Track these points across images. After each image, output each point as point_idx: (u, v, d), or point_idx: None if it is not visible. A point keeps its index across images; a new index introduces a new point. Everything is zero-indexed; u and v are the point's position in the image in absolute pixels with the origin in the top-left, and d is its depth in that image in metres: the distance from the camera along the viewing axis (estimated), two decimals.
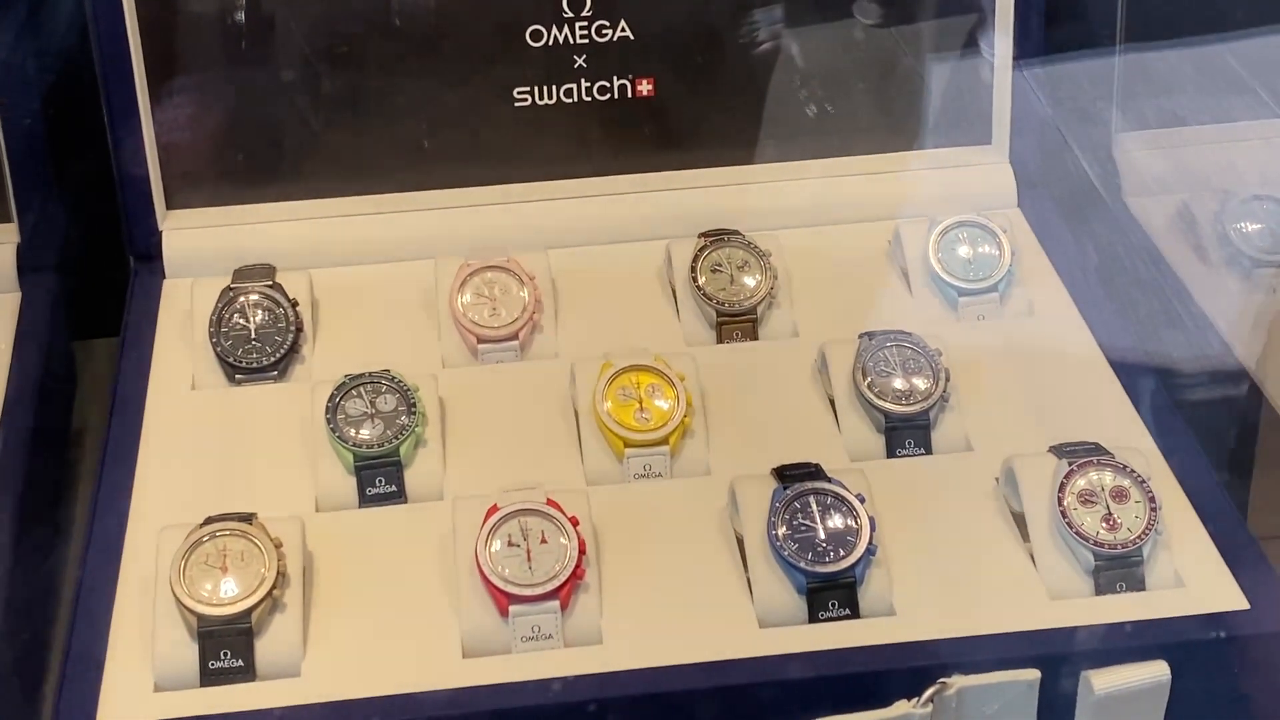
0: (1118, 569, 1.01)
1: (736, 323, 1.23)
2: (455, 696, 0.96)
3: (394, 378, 1.12)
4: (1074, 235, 1.31)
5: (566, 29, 1.29)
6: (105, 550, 1.05)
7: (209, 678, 0.96)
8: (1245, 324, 1.22)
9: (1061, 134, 1.37)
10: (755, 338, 1.23)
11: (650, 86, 1.32)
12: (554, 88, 1.31)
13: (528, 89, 1.31)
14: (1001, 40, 1.33)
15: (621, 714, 0.96)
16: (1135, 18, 1.35)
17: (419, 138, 1.31)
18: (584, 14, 1.29)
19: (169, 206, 1.30)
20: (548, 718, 0.96)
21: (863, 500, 1.02)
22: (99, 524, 1.07)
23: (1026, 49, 1.33)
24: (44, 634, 1.11)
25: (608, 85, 1.31)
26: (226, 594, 0.97)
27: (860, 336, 1.16)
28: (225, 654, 0.96)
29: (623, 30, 1.30)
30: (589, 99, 1.31)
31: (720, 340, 1.23)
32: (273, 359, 1.19)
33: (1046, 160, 1.36)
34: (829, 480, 1.03)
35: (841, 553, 1.00)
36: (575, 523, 1.00)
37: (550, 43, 1.30)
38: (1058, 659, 0.97)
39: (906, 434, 1.12)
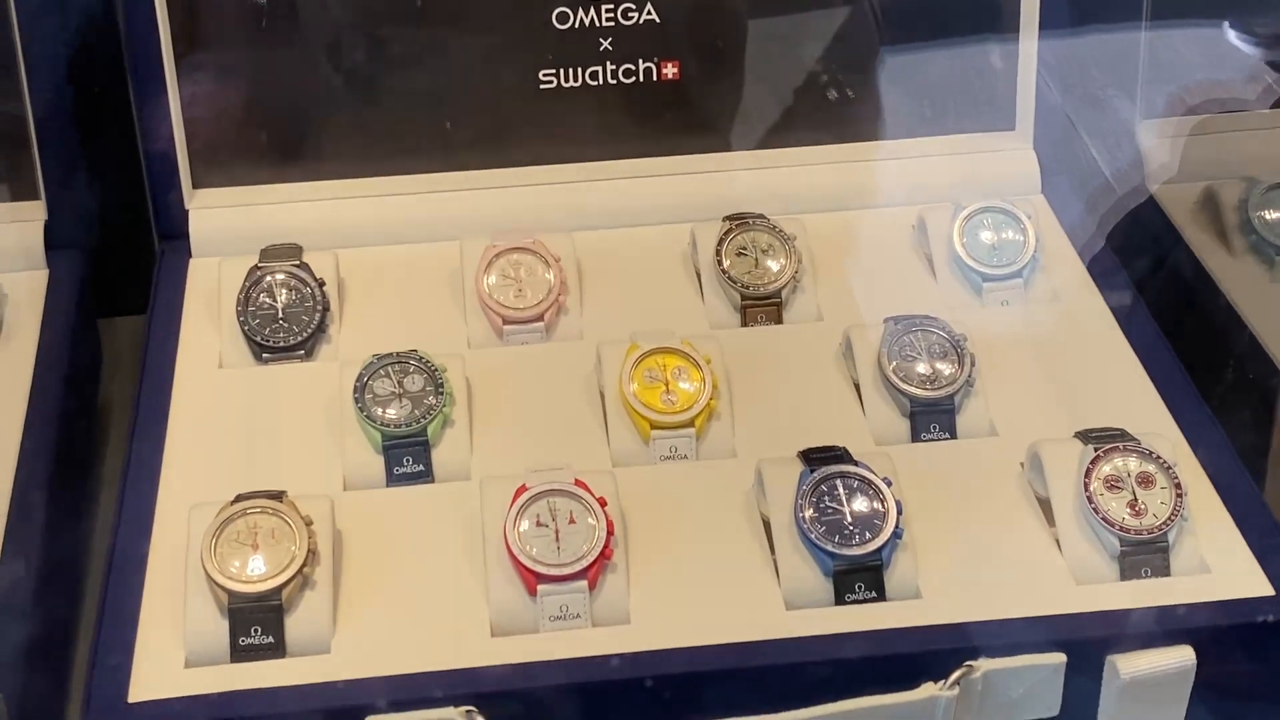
0: (1143, 554, 1.02)
1: (761, 306, 1.23)
2: (484, 674, 0.96)
3: (422, 358, 1.12)
4: (1097, 221, 1.31)
5: (592, 11, 1.30)
6: (135, 528, 1.05)
7: (239, 654, 0.97)
8: (1269, 311, 1.22)
9: (1085, 120, 1.37)
10: (780, 321, 1.23)
11: (675, 70, 1.32)
12: (579, 70, 1.31)
13: (553, 71, 1.31)
14: (1026, 26, 1.33)
15: (649, 694, 0.96)
16: (1161, 2, 1.35)
17: (445, 119, 1.31)
18: None
19: (195, 185, 1.30)
20: (576, 697, 0.96)
21: (889, 484, 1.02)
22: (129, 502, 1.07)
23: (1051, 34, 1.33)
24: (73, 611, 1.12)
25: (633, 68, 1.31)
26: (257, 571, 0.98)
27: (885, 321, 1.16)
28: (256, 630, 0.97)
29: (648, 13, 1.30)
30: (614, 81, 1.32)
31: (745, 323, 1.23)
32: (300, 338, 1.19)
33: (1070, 146, 1.36)
34: (856, 464, 1.03)
35: (868, 535, 1.01)
36: (603, 504, 1.01)
37: (576, 25, 1.30)
38: (1083, 643, 0.98)
39: (931, 418, 1.13)
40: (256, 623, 0.97)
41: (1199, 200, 1.32)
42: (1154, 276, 1.28)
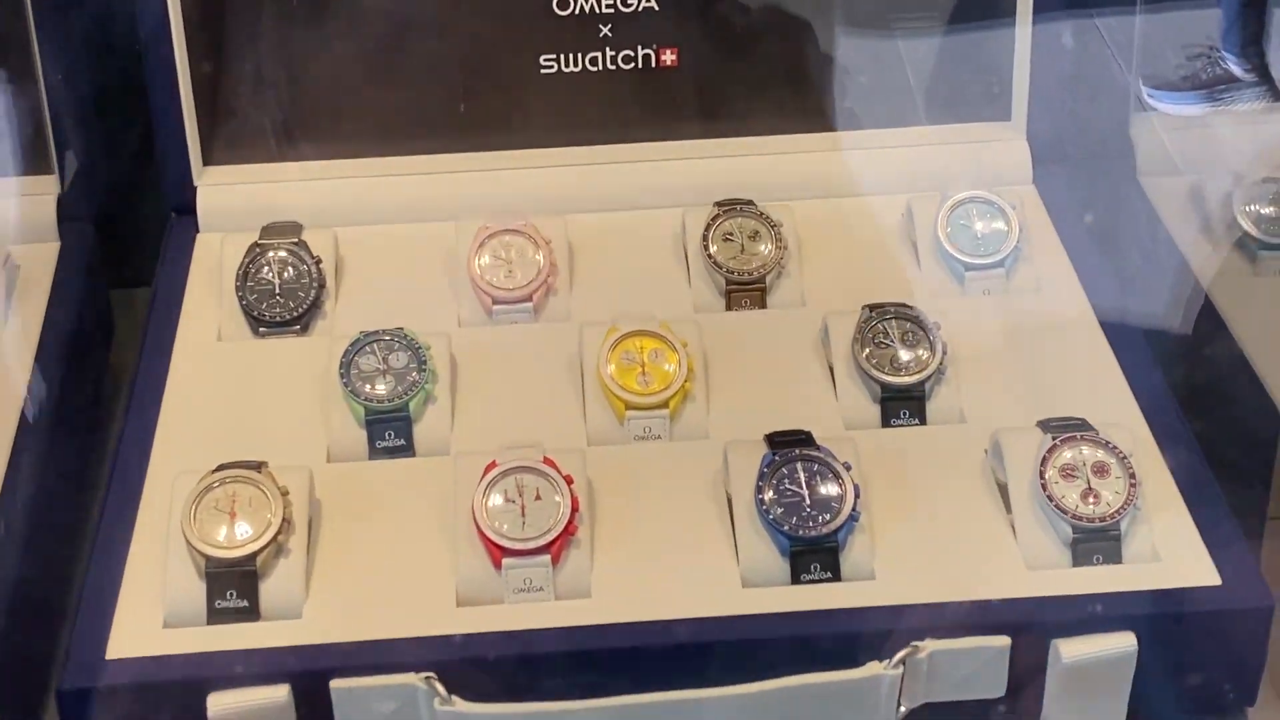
0: (1095, 542, 1.04)
1: (745, 291, 1.26)
2: (447, 642, 1.00)
3: (406, 336, 1.16)
4: (1086, 213, 1.33)
5: None
6: (125, 493, 1.10)
7: (215, 616, 1.01)
8: (1247, 306, 1.24)
9: (1079, 112, 1.38)
10: (764, 306, 1.26)
11: (674, 56, 1.35)
12: (580, 56, 1.34)
13: (554, 56, 1.34)
14: (1021, 16, 1.34)
15: (607, 665, 1.00)
16: None
17: (448, 102, 1.35)
18: None
19: (205, 163, 1.34)
20: (536, 666, 1.00)
21: (849, 468, 1.05)
22: (120, 467, 1.12)
23: (1045, 25, 1.35)
24: (70, 572, 1.16)
25: (632, 54, 1.34)
26: (234, 537, 1.02)
27: (863, 308, 1.19)
28: (231, 594, 1.01)
29: (647, 0, 1.33)
30: (613, 67, 1.34)
31: (729, 308, 1.26)
32: (295, 313, 1.23)
33: (1063, 138, 1.38)
34: (817, 448, 1.06)
35: (825, 518, 1.04)
36: (570, 481, 1.04)
37: (576, 11, 1.33)
38: (1030, 627, 1.00)
39: (901, 404, 1.15)
40: (232, 586, 1.01)
41: (1187, 194, 1.33)
42: (1137, 269, 1.29)
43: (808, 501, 1.04)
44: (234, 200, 1.33)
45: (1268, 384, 1.15)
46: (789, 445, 1.06)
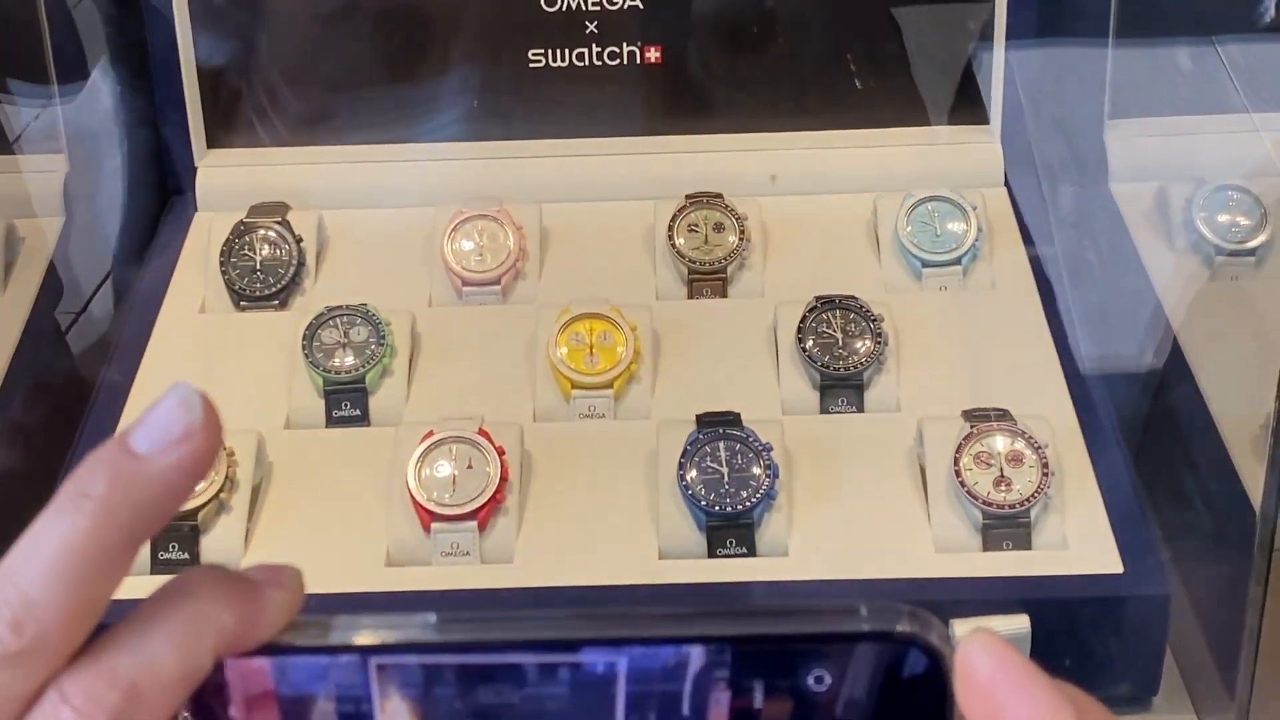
0: (1005, 528, 1.07)
1: (706, 280, 1.30)
2: (373, 600, 1.05)
3: (368, 311, 1.21)
4: (1053, 216, 1.36)
5: None
6: (90, 451, 1.16)
7: (158, 566, 1.07)
8: (1196, 312, 1.26)
9: (1053, 116, 1.41)
10: (725, 295, 1.30)
11: (658, 54, 1.39)
12: (566, 51, 1.39)
13: (542, 51, 1.39)
14: (998, 20, 1.37)
15: None
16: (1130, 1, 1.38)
17: (440, 93, 1.40)
18: None
19: (208, 146, 1.41)
20: None
21: (769, 449, 1.09)
22: (90, 426, 1.18)
23: (1021, 30, 1.38)
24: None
25: (617, 51, 1.39)
26: None
27: (812, 299, 1.22)
28: (173, 547, 1.07)
29: None
30: (599, 63, 1.39)
31: (691, 297, 1.30)
32: (274, 289, 1.29)
33: (1037, 142, 1.40)
34: (741, 429, 1.10)
35: (743, 495, 1.07)
36: (501, 452, 1.09)
37: (563, 8, 1.38)
38: (931, 606, 1.02)
39: (839, 393, 1.19)
40: (174, 540, 1.07)
41: (1151, 199, 1.35)
42: (1095, 271, 1.32)
43: (726, 479, 1.08)
44: (232, 182, 1.39)
45: (1203, 387, 1.17)
46: (715, 425, 1.10)
